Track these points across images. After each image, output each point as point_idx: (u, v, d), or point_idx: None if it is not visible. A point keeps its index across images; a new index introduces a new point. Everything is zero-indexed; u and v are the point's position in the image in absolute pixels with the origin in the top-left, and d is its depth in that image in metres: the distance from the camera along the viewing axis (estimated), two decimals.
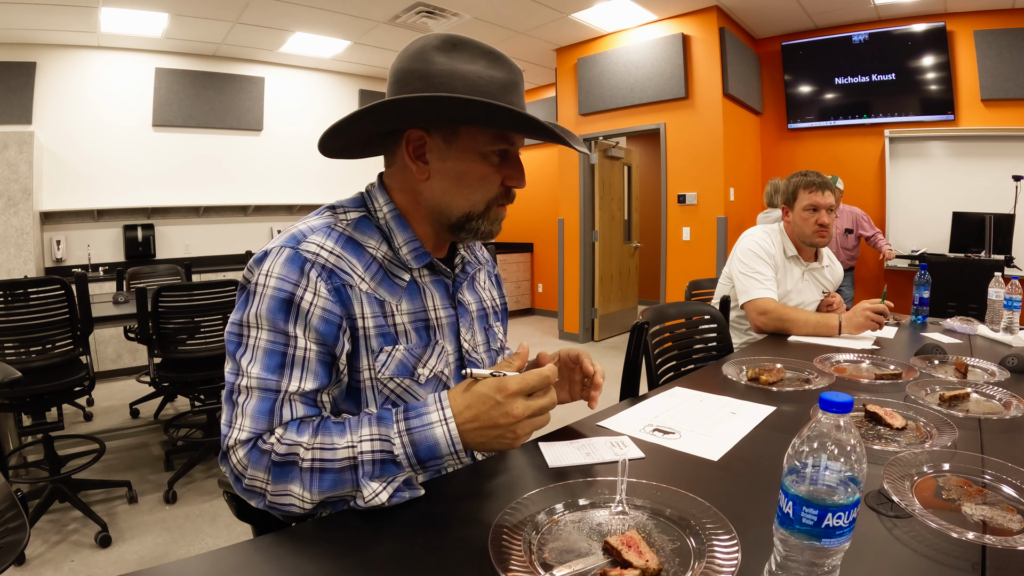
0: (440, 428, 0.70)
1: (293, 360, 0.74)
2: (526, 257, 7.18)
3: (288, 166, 5.74)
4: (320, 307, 0.75)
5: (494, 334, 1.02)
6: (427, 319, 0.86)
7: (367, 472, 0.68)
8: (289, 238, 0.78)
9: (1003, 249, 3.95)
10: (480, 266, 1.03)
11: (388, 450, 0.69)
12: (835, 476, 0.49)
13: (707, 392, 1.23)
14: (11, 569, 1.93)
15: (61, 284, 2.34)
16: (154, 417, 3.49)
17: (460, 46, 0.78)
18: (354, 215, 0.84)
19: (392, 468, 0.69)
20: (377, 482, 0.69)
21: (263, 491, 0.70)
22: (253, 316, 0.74)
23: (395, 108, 0.75)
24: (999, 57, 4.14)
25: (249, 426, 0.71)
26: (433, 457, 0.70)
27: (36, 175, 4.37)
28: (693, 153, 4.77)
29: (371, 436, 0.70)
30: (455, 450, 0.70)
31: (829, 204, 2.00)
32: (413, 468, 0.71)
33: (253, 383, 0.72)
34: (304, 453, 0.69)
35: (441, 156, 0.80)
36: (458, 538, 0.65)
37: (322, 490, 0.69)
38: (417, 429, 0.70)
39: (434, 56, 0.77)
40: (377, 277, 0.82)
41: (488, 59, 0.79)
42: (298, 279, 0.75)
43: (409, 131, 0.80)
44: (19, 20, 4.14)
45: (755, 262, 2.02)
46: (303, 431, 0.71)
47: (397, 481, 0.70)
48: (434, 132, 0.80)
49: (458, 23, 4.71)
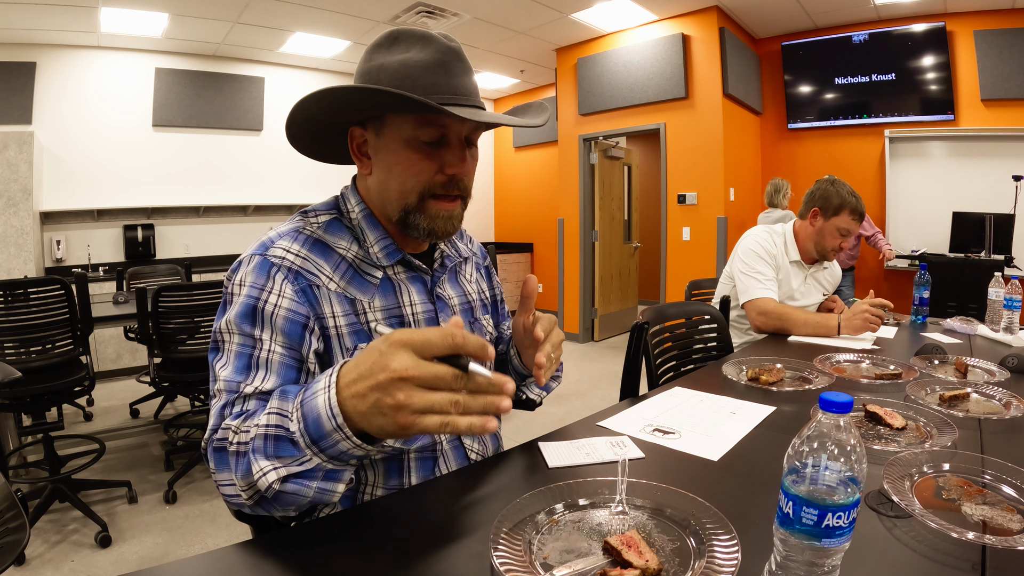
0: (323, 395, 0.58)
1: (258, 361, 0.75)
2: (526, 257, 7.18)
3: (288, 166, 5.74)
4: (284, 307, 0.76)
5: (480, 327, 1.01)
6: (401, 315, 0.86)
7: (258, 448, 0.62)
8: (259, 246, 0.81)
9: (1003, 249, 3.94)
10: (462, 259, 1.03)
11: (284, 426, 0.61)
12: (835, 476, 0.49)
13: (707, 392, 1.23)
14: (11, 569, 1.93)
15: (61, 284, 2.34)
16: (154, 417, 3.49)
17: (398, 38, 0.79)
18: (324, 218, 0.86)
19: (290, 448, 0.60)
20: (269, 461, 0.61)
21: (219, 483, 0.69)
22: (225, 323, 0.77)
23: (312, 103, 0.75)
24: (999, 57, 4.14)
25: (211, 424, 0.72)
26: (321, 435, 0.58)
27: (36, 175, 4.36)
28: (693, 153, 4.77)
29: (270, 410, 0.64)
30: (336, 424, 0.57)
31: (857, 232, 2.04)
32: (312, 451, 0.60)
33: (222, 386, 0.74)
34: (232, 436, 0.66)
35: (375, 148, 0.82)
36: (458, 538, 0.65)
37: (243, 474, 0.63)
38: (306, 400, 0.60)
39: (372, 54, 0.80)
40: (347, 276, 0.83)
41: (420, 44, 0.78)
42: (264, 283, 0.77)
43: (352, 128, 0.83)
44: (19, 20, 4.13)
45: (756, 262, 2.02)
46: (237, 418, 0.70)
47: (303, 466, 0.60)
48: (369, 126, 0.82)
49: (458, 23, 4.71)
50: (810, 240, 2.06)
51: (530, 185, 7.16)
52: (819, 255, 2.06)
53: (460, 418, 0.53)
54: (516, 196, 7.39)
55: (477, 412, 0.54)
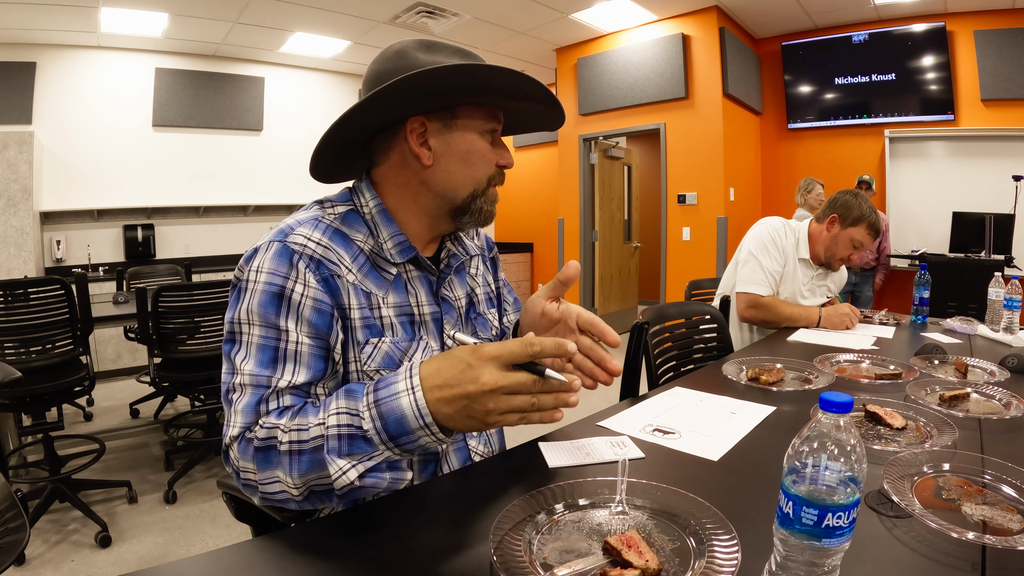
0: (407, 398, 0.63)
1: (286, 354, 0.74)
2: (526, 257, 7.18)
3: (288, 166, 5.74)
4: (311, 297, 0.76)
5: (484, 322, 1.01)
6: (412, 313, 0.86)
7: (332, 448, 0.64)
8: (277, 233, 0.79)
9: (1003, 249, 3.94)
10: (469, 256, 1.02)
11: (357, 425, 0.64)
12: (835, 476, 0.49)
13: (707, 392, 1.23)
14: (11, 569, 1.93)
15: (61, 284, 2.34)
16: (154, 417, 3.49)
17: (436, 46, 0.83)
18: (342, 208, 0.86)
19: (363, 445, 0.64)
20: (345, 459, 0.64)
21: (255, 483, 0.70)
22: (245, 312, 0.75)
23: (401, 87, 0.74)
24: (999, 57, 4.14)
25: (241, 422, 0.71)
26: (403, 432, 0.63)
27: (36, 175, 4.37)
28: (693, 153, 4.77)
29: (338, 410, 0.66)
30: (424, 423, 0.62)
31: (870, 247, 2.11)
32: (387, 446, 0.64)
33: (246, 380, 0.73)
34: (282, 436, 0.67)
35: (445, 139, 0.83)
36: (458, 538, 0.65)
37: (301, 473, 0.66)
38: (384, 400, 0.64)
39: (415, 54, 0.81)
40: (364, 269, 0.83)
41: (461, 56, 0.82)
42: (287, 271, 0.75)
43: (410, 120, 0.81)
44: (19, 20, 4.14)
45: (762, 254, 2.03)
46: (283, 416, 0.70)
47: (373, 460, 0.65)
48: (433, 118, 0.82)
49: (458, 23, 4.71)
50: (822, 244, 2.07)
51: (530, 185, 7.15)
52: (827, 260, 2.08)
53: (534, 413, 0.62)
54: (516, 196, 7.39)
55: (549, 408, 0.63)
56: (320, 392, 0.77)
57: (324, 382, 0.77)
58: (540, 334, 0.88)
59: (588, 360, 0.80)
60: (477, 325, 0.99)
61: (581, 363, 0.80)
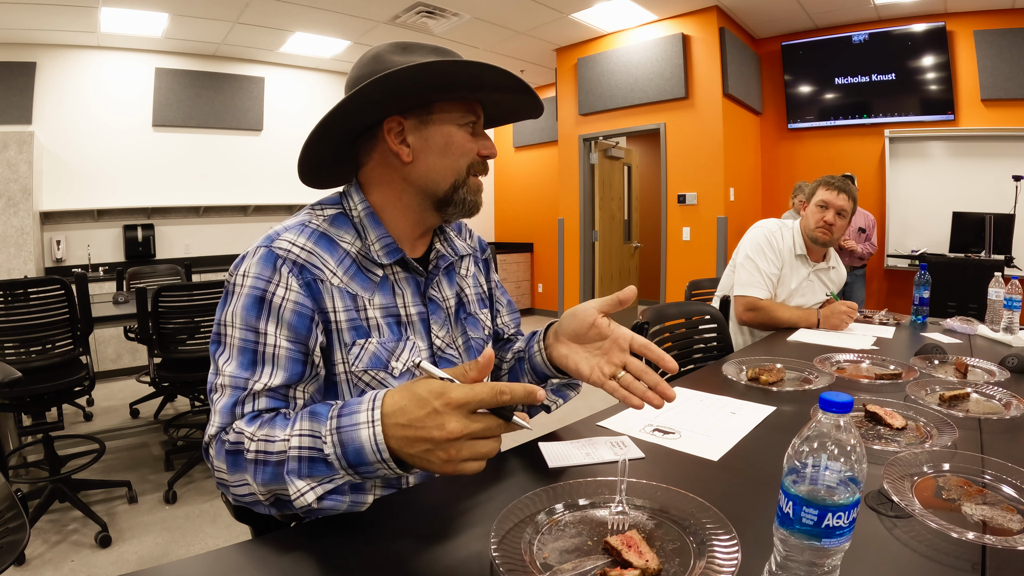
0: (366, 430, 0.62)
1: (263, 357, 0.75)
2: (526, 257, 7.18)
3: (288, 166, 5.68)
4: (292, 301, 0.77)
5: (474, 323, 1.00)
6: (398, 314, 0.87)
7: (292, 469, 0.64)
8: (265, 238, 0.82)
9: (1003, 249, 3.94)
10: (459, 257, 1.02)
11: (318, 448, 0.64)
12: (835, 476, 0.49)
13: (707, 392, 1.23)
14: (11, 569, 1.93)
15: (61, 284, 2.34)
16: (154, 417, 3.49)
17: (411, 47, 0.85)
18: (331, 212, 0.88)
19: (323, 468, 0.64)
20: (304, 481, 0.64)
21: (227, 483, 0.70)
22: (230, 315, 0.77)
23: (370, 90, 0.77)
24: (999, 57, 4.14)
25: (218, 422, 0.72)
26: (362, 463, 0.63)
27: (36, 175, 4.36)
28: (693, 153, 4.77)
29: (301, 432, 0.65)
30: (382, 458, 0.61)
31: (840, 206, 2.03)
32: (347, 472, 0.64)
33: (226, 381, 0.74)
34: (248, 444, 0.68)
35: (422, 135, 0.85)
36: (458, 538, 0.65)
37: (264, 482, 0.66)
38: (345, 429, 0.63)
39: (390, 56, 0.83)
40: (350, 271, 0.84)
41: (436, 54, 0.85)
42: (271, 276, 0.77)
43: (387, 120, 0.84)
44: (19, 20, 4.13)
45: (759, 257, 2.04)
46: (253, 423, 0.70)
47: (334, 483, 0.64)
48: (409, 116, 0.84)
49: (458, 23, 4.71)
50: (804, 231, 2.11)
51: (530, 185, 7.15)
52: (811, 240, 2.09)
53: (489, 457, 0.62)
54: (516, 196, 7.39)
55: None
56: (299, 395, 0.77)
57: (303, 385, 0.78)
58: (584, 343, 0.88)
59: (638, 383, 0.80)
60: (467, 325, 0.99)
61: (630, 384, 0.80)
